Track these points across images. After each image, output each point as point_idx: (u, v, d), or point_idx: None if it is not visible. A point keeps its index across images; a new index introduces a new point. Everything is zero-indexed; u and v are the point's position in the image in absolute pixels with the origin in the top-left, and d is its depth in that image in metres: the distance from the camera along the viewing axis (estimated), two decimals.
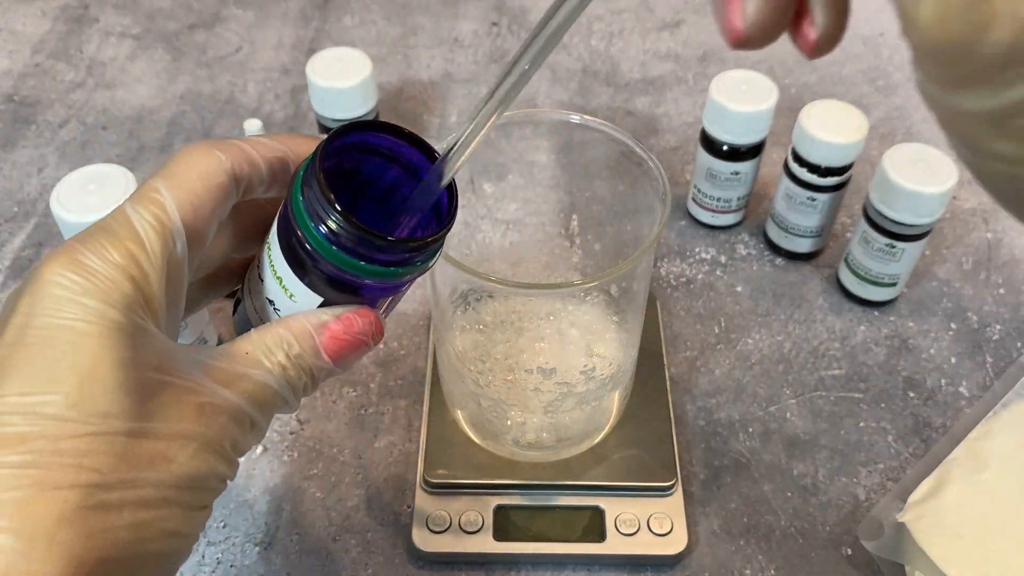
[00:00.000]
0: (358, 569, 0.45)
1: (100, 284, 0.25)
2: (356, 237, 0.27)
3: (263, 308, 0.31)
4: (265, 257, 0.30)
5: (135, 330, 0.25)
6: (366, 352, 0.30)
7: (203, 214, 0.28)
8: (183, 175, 0.28)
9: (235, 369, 0.28)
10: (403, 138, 0.30)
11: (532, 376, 0.44)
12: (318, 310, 0.29)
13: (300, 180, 0.28)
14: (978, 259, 0.60)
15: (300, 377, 0.29)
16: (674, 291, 0.58)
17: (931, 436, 0.50)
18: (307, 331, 0.29)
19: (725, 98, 0.54)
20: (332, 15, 0.79)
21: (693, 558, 0.45)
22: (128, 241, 0.26)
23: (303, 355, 0.29)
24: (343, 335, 0.29)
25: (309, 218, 0.27)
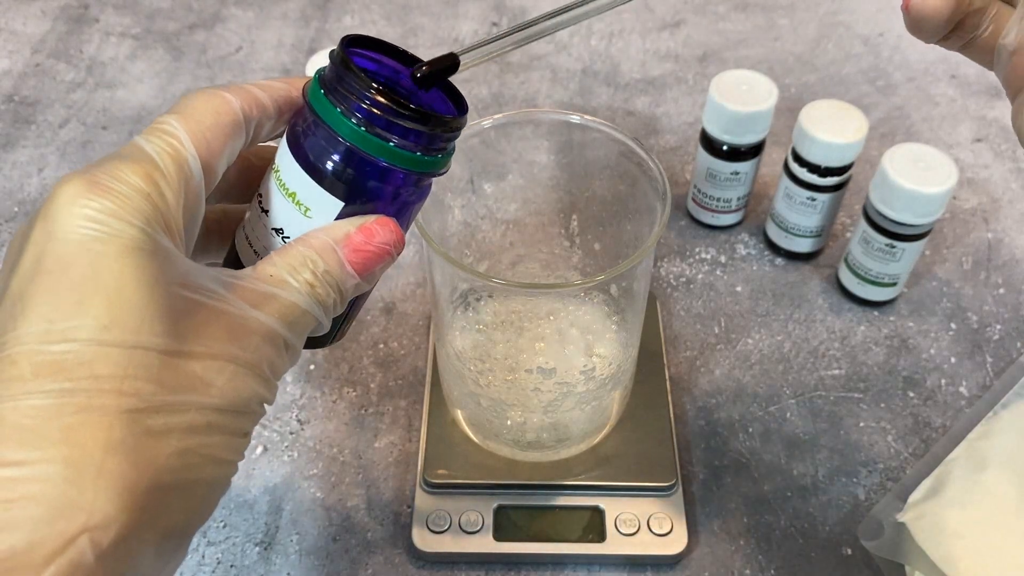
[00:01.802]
0: (358, 569, 0.45)
1: (118, 202, 0.24)
2: (386, 108, 0.27)
3: (268, 244, 0.30)
4: (272, 184, 0.29)
5: (158, 248, 0.24)
6: (390, 263, 0.30)
7: (215, 148, 0.27)
8: (193, 111, 0.27)
9: (263, 289, 0.27)
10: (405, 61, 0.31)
11: (532, 376, 0.44)
12: (336, 223, 0.29)
13: (317, 79, 0.28)
14: (978, 259, 0.60)
15: (328, 294, 0.28)
16: (674, 291, 0.58)
17: (931, 436, 0.50)
18: (329, 245, 0.28)
19: (725, 98, 0.54)
20: (332, 15, 0.79)
21: (693, 558, 0.45)
22: (144, 163, 0.25)
23: (329, 270, 0.28)
24: (365, 245, 0.28)
25: (334, 105, 0.27)
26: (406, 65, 0.31)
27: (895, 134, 0.68)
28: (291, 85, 0.30)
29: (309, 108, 0.28)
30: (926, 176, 0.50)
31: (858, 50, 0.76)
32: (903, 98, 0.72)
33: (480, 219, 0.47)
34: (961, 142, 0.68)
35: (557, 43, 0.77)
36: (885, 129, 0.69)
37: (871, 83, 0.73)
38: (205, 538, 0.46)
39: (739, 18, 0.80)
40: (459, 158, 0.42)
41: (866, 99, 0.71)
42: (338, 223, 0.29)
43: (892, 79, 0.73)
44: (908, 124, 0.69)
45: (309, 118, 0.28)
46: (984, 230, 0.62)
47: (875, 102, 0.71)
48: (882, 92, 0.72)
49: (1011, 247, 0.61)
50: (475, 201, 0.46)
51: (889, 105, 0.71)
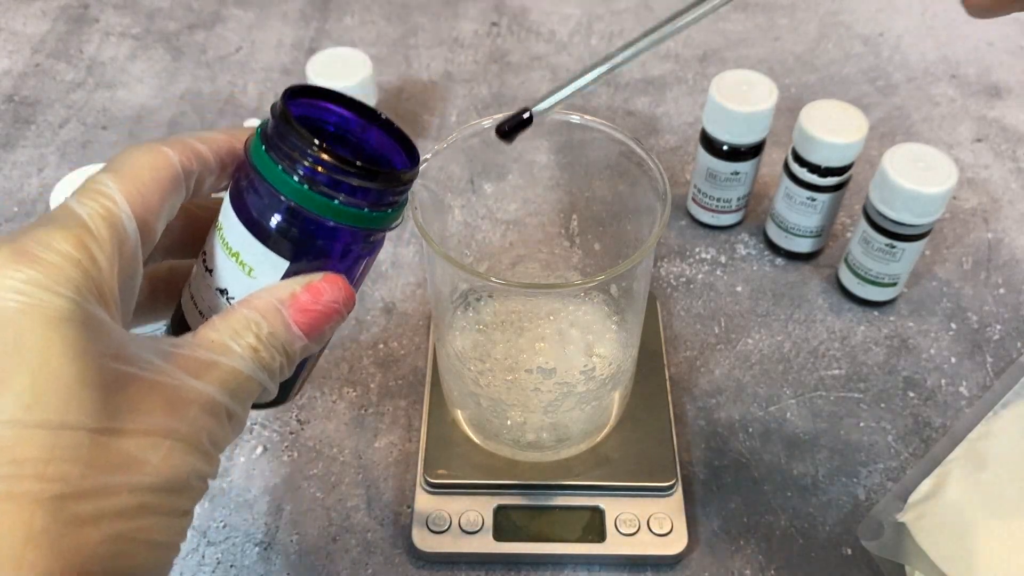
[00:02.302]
0: (358, 569, 0.45)
1: (46, 271, 0.23)
2: (330, 166, 0.26)
3: (213, 305, 0.29)
4: (216, 242, 0.28)
5: (89, 318, 0.23)
6: (339, 322, 0.28)
7: (153, 206, 0.26)
8: (130, 168, 0.26)
9: (203, 357, 0.25)
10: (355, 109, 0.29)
11: (532, 376, 0.44)
12: (282, 283, 0.27)
13: (259, 134, 0.27)
14: (978, 259, 0.60)
15: (274, 358, 0.27)
16: (674, 291, 0.58)
17: (931, 436, 0.50)
18: (274, 306, 0.27)
19: (725, 98, 0.54)
20: (332, 15, 0.79)
21: (693, 558, 0.45)
22: (75, 228, 0.24)
23: (274, 333, 0.26)
24: (313, 305, 0.27)
25: (276, 163, 0.26)
26: (356, 113, 0.30)
27: (895, 134, 0.68)
28: (234, 137, 0.29)
29: (250, 165, 0.27)
30: (926, 176, 0.50)
31: (858, 50, 0.76)
32: (903, 98, 0.72)
33: (480, 219, 0.47)
34: (961, 142, 0.68)
35: (557, 43, 0.77)
36: (885, 129, 0.69)
37: (871, 83, 0.73)
38: (205, 538, 0.46)
39: (739, 18, 0.80)
40: (459, 158, 0.42)
41: (866, 99, 0.71)
42: (284, 283, 0.27)
43: (892, 79, 0.73)
44: (908, 124, 0.69)
45: (250, 175, 0.27)
46: (984, 230, 0.62)
47: (875, 102, 0.71)
48: (882, 92, 0.72)
49: (1011, 247, 0.61)
50: (475, 201, 0.46)
51: (889, 105, 0.71)
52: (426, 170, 0.39)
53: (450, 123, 0.69)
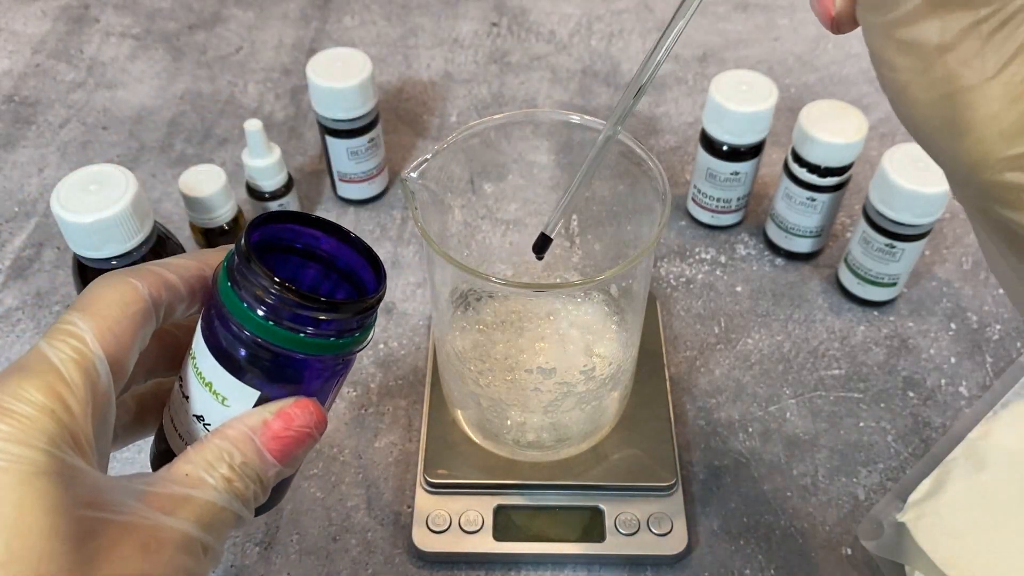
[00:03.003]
0: (358, 569, 0.45)
1: (19, 425, 0.23)
2: (294, 303, 0.26)
3: (190, 430, 0.29)
4: (190, 370, 0.29)
5: (62, 469, 0.23)
6: (312, 445, 0.29)
7: (124, 342, 0.26)
8: (99, 305, 0.26)
9: (177, 493, 0.26)
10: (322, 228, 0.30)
11: (532, 376, 0.44)
12: (253, 411, 0.28)
13: (225, 269, 0.27)
14: (978, 259, 0.60)
15: (248, 487, 0.27)
16: (674, 291, 0.58)
17: (931, 436, 0.50)
18: (246, 436, 0.27)
19: (725, 98, 0.54)
20: (332, 15, 0.79)
21: (693, 558, 0.45)
22: (47, 376, 0.24)
23: (247, 463, 0.27)
24: (284, 432, 0.28)
25: (241, 300, 0.27)
26: (325, 231, 0.30)
27: (895, 134, 0.68)
28: (204, 263, 0.29)
29: (216, 299, 0.27)
30: (926, 176, 0.50)
31: (858, 50, 0.76)
32: None
33: (480, 219, 0.47)
34: None
35: (557, 43, 0.77)
36: (885, 129, 0.69)
37: (871, 83, 0.73)
38: None
39: (739, 18, 0.80)
40: (459, 158, 0.42)
41: (866, 99, 0.71)
42: (255, 410, 0.28)
43: None
44: None
45: (218, 308, 0.27)
46: None
47: (875, 102, 0.71)
48: (881, 92, 0.72)
49: None
50: (475, 201, 0.46)
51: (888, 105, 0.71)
52: (426, 170, 0.39)
53: (450, 123, 0.69)
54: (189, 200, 0.52)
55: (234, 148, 0.66)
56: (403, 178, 0.39)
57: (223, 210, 0.53)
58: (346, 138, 0.59)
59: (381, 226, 0.62)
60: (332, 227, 0.30)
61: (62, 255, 0.59)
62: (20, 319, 0.56)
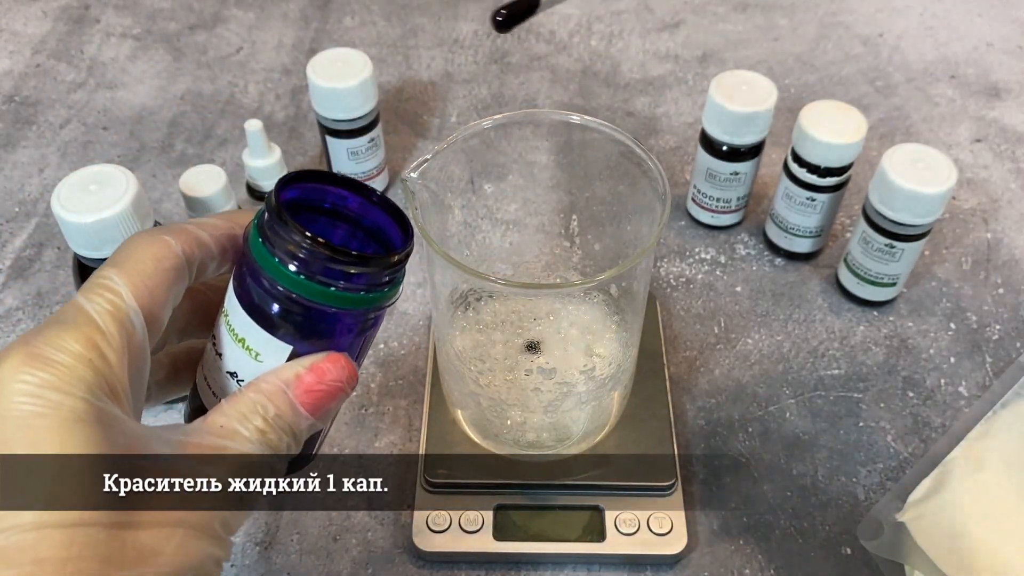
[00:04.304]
0: (358, 569, 0.45)
1: (60, 374, 0.24)
2: (325, 258, 0.27)
3: (224, 387, 0.30)
4: (223, 327, 0.29)
5: (101, 416, 0.24)
6: (343, 399, 0.29)
7: (158, 297, 0.27)
8: (133, 260, 0.27)
9: (212, 443, 0.26)
10: (349, 187, 0.30)
11: (532, 376, 0.44)
12: (286, 365, 0.29)
13: (256, 226, 0.28)
14: (977, 259, 0.60)
15: (281, 439, 0.28)
16: (674, 291, 0.58)
17: (930, 436, 0.50)
18: (279, 389, 0.28)
19: (725, 98, 0.54)
20: (332, 16, 0.79)
21: (693, 558, 0.45)
22: (84, 327, 0.25)
23: (281, 415, 0.28)
24: (317, 385, 0.28)
25: (273, 255, 0.27)
26: (352, 191, 0.30)
27: (894, 134, 0.68)
28: (233, 223, 0.30)
29: (248, 255, 0.28)
30: (925, 176, 0.50)
31: (857, 50, 0.76)
32: (902, 98, 0.72)
33: (480, 219, 0.47)
34: (960, 142, 0.68)
35: (557, 43, 0.77)
36: (884, 129, 0.69)
37: (871, 83, 0.73)
38: None
39: (739, 19, 0.80)
40: (459, 158, 0.42)
41: (865, 99, 0.71)
42: (288, 364, 0.28)
43: (891, 79, 0.73)
44: (907, 124, 0.69)
45: (249, 264, 0.28)
46: (983, 230, 0.62)
47: (874, 102, 0.71)
48: (881, 92, 0.72)
49: (1010, 247, 0.61)
50: (475, 201, 0.46)
51: (888, 105, 0.71)
52: (426, 170, 0.39)
53: (450, 123, 0.69)
54: (189, 200, 0.52)
55: (234, 148, 0.66)
56: (403, 178, 0.39)
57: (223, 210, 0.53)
58: (346, 138, 0.59)
59: None
60: (359, 187, 0.30)
61: (62, 255, 0.59)
62: (21, 319, 0.56)
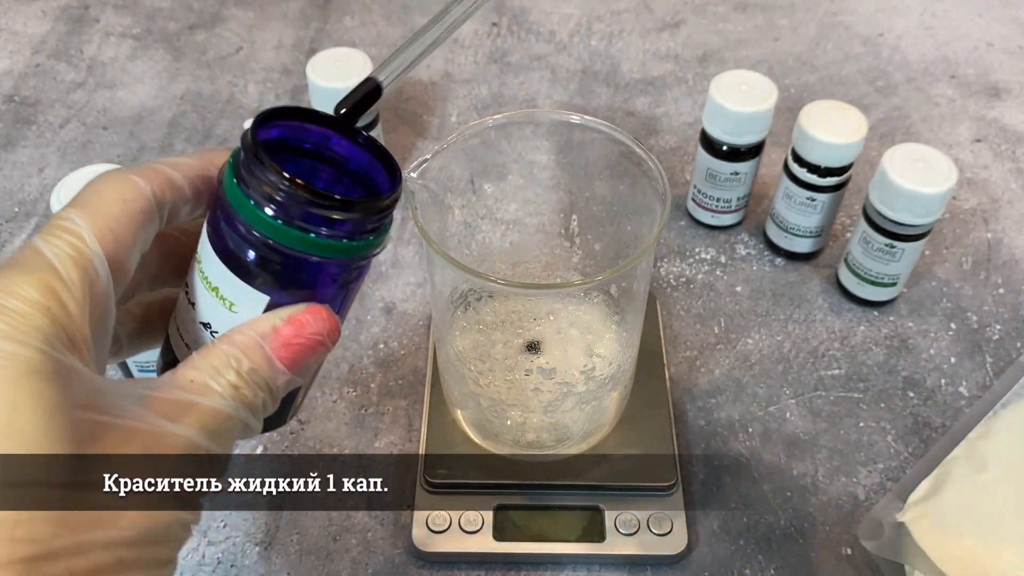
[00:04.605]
0: (358, 569, 0.45)
1: (14, 323, 0.22)
2: (304, 201, 0.25)
3: (197, 339, 0.28)
4: (195, 275, 0.27)
5: (58, 368, 0.22)
6: (325, 354, 0.27)
7: (124, 241, 0.25)
8: (98, 201, 0.25)
9: (181, 399, 0.24)
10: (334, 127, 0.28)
11: (532, 376, 0.44)
12: (262, 317, 0.27)
13: (231, 165, 0.26)
14: (978, 259, 0.60)
15: (256, 395, 0.26)
16: (674, 291, 0.58)
17: (931, 436, 0.50)
18: (255, 342, 0.26)
19: (725, 98, 0.54)
20: (332, 15, 0.79)
21: (693, 558, 0.45)
22: (42, 272, 0.23)
23: (256, 369, 0.26)
24: (295, 339, 0.26)
25: (248, 197, 0.25)
26: (335, 130, 0.28)
27: (895, 134, 0.68)
28: (208, 162, 0.28)
29: (222, 198, 0.26)
30: (926, 176, 0.50)
31: (858, 50, 0.76)
32: (903, 98, 0.72)
33: (480, 219, 0.47)
34: (961, 142, 0.68)
35: (557, 43, 0.77)
36: (885, 129, 0.69)
37: (871, 83, 0.73)
38: (205, 538, 0.46)
39: (739, 18, 0.80)
40: (459, 158, 0.42)
41: (866, 99, 0.71)
42: (264, 316, 0.27)
43: (892, 79, 0.73)
44: (908, 124, 0.69)
45: (224, 208, 0.26)
46: (984, 230, 0.62)
47: (875, 102, 0.71)
48: (882, 92, 0.72)
49: (1011, 247, 0.61)
50: (475, 201, 0.46)
51: (889, 105, 0.71)
52: (426, 170, 0.39)
53: (450, 123, 0.69)
54: None
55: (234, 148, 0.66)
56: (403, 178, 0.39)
57: None
58: None
59: None
60: (345, 126, 0.28)
61: None
62: None
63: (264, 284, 0.26)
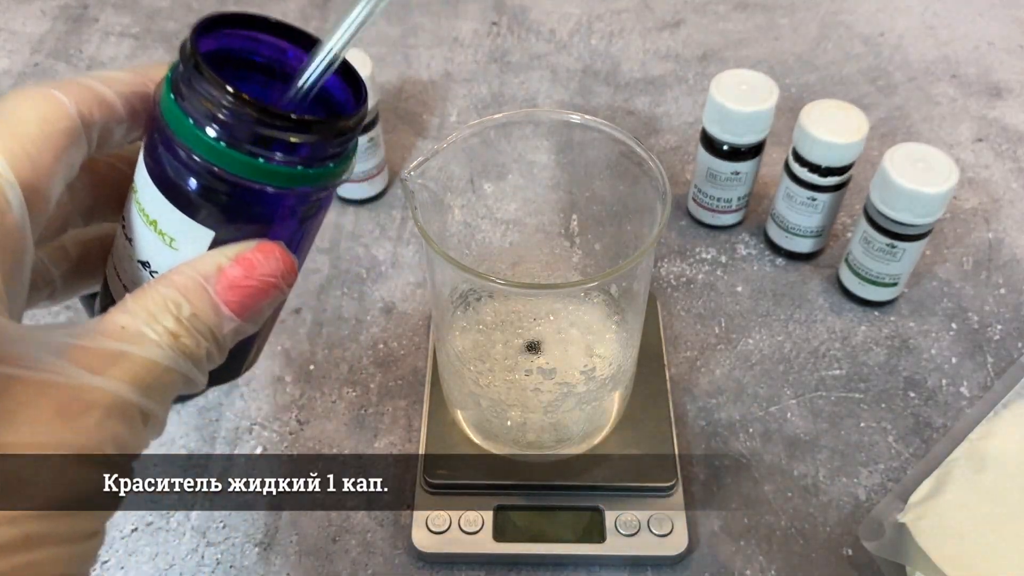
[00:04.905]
0: (358, 569, 0.45)
1: None
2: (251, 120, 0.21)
3: (135, 279, 0.25)
4: (132, 207, 0.24)
5: None
6: (279, 299, 0.24)
7: (44, 167, 0.22)
8: (14, 121, 0.22)
9: (109, 348, 0.21)
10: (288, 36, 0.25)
11: (532, 376, 0.44)
12: (206, 255, 0.23)
13: (169, 80, 0.22)
14: (979, 259, 0.60)
15: (199, 344, 0.22)
16: (674, 291, 0.58)
17: (932, 436, 0.50)
18: (197, 283, 0.22)
19: (725, 98, 0.54)
20: (332, 15, 0.79)
21: (693, 559, 0.45)
22: None
23: (198, 315, 0.22)
24: (245, 280, 0.23)
25: (187, 115, 0.22)
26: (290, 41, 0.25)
27: (896, 134, 0.68)
28: (144, 76, 0.24)
29: (159, 117, 0.23)
30: (927, 176, 0.49)
31: (858, 50, 0.76)
32: (903, 98, 0.71)
33: (480, 219, 0.47)
34: (962, 142, 0.68)
35: (557, 42, 0.77)
36: (886, 129, 0.69)
37: (872, 83, 0.73)
38: (205, 538, 0.46)
39: (739, 18, 0.80)
40: (459, 158, 0.42)
41: (866, 99, 0.71)
42: (209, 255, 0.23)
43: (893, 79, 0.73)
44: (909, 124, 0.69)
45: (161, 130, 0.23)
46: (985, 230, 0.62)
47: (876, 102, 0.71)
48: (883, 92, 0.72)
49: (1012, 247, 0.60)
50: (475, 201, 0.46)
51: (890, 105, 0.71)
52: (426, 170, 0.39)
53: (450, 123, 0.69)
54: None
55: None
56: (403, 178, 0.38)
57: None
58: None
59: (381, 226, 0.62)
60: (301, 35, 0.25)
61: None
62: None
63: (209, 218, 0.23)
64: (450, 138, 0.41)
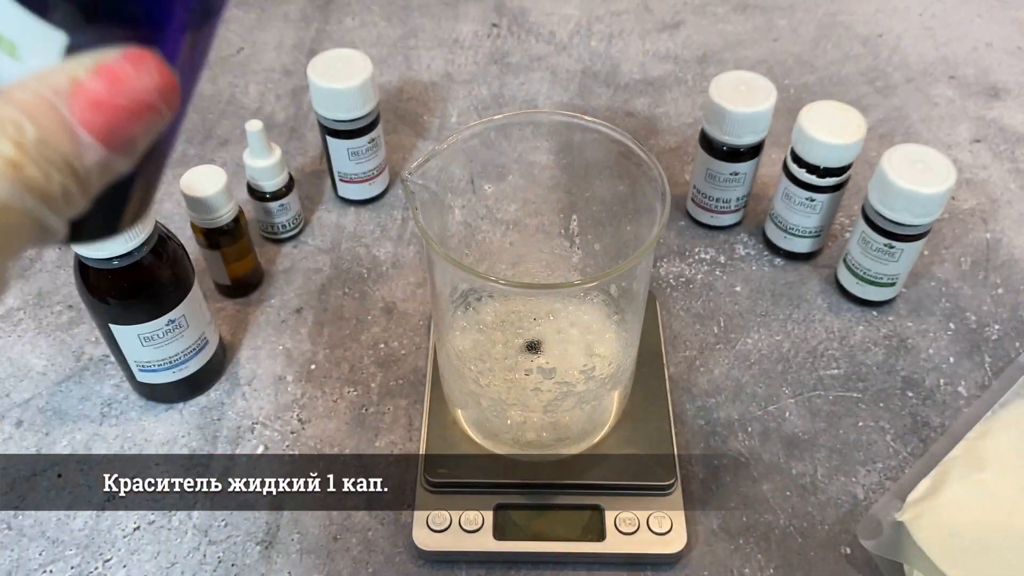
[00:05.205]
0: (359, 568, 0.45)
1: None
2: None
3: None
4: None
5: None
6: (158, 124, 0.19)
7: None
8: None
9: None
10: None
11: (532, 375, 0.44)
12: (58, 66, 0.18)
13: None
14: (976, 259, 0.60)
15: (51, 177, 0.18)
16: (673, 291, 0.58)
17: (930, 435, 0.50)
18: (44, 100, 0.18)
19: (724, 99, 0.55)
20: (333, 16, 0.79)
21: (692, 557, 0.45)
22: None
23: (46, 140, 0.17)
24: (111, 97, 0.18)
25: None
26: None
27: (894, 135, 0.68)
28: None
29: None
30: (925, 177, 0.50)
31: (857, 51, 0.76)
32: (902, 99, 0.72)
33: (480, 219, 0.47)
34: (960, 143, 0.68)
35: (557, 44, 0.77)
36: (884, 130, 0.69)
37: (870, 84, 0.73)
38: (206, 537, 0.46)
39: (738, 19, 0.80)
40: (459, 158, 0.42)
41: (865, 100, 0.71)
42: (60, 65, 0.18)
43: (891, 80, 0.73)
44: (907, 125, 0.69)
45: None
46: (983, 230, 0.62)
47: (874, 103, 0.71)
48: (881, 93, 0.72)
49: (1009, 247, 0.61)
50: (475, 201, 0.46)
51: (888, 106, 0.71)
52: (426, 170, 0.40)
53: (450, 124, 0.69)
54: (190, 200, 0.52)
55: (235, 148, 0.66)
56: (403, 178, 0.39)
57: (224, 210, 0.53)
58: (347, 139, 0.59)
59: (381, 226, 0.62)
60: None
61: (63, 255, 0.60)
62: (22, 319, 0.56)
63: (59, 15, 0.18)
64: (450, 139, 0.41)
